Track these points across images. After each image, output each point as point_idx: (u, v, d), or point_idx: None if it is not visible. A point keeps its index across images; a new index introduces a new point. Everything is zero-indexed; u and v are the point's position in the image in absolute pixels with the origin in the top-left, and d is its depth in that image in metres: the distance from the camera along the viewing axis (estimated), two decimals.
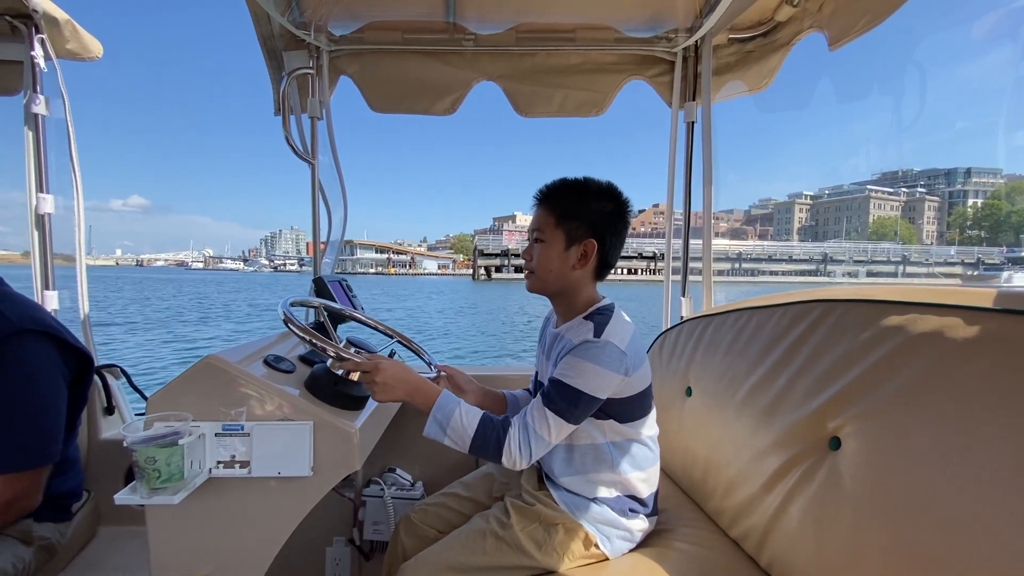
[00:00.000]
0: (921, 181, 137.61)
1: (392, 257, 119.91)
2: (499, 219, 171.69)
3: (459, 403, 0.99)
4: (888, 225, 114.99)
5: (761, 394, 1.04)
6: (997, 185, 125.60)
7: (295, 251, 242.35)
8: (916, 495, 0.69)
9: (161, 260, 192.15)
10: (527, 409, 0.98)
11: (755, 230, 34.00)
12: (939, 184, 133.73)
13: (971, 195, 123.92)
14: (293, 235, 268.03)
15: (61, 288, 1.68)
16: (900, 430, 0.74)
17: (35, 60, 1.58)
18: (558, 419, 0.94)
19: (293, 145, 1.66)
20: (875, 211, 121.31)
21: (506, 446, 0.95)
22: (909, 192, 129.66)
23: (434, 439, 0.98)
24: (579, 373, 0.94)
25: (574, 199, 1.04)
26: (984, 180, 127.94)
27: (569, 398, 0.94)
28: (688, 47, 1.76)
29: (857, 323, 0.88)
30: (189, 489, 0.88)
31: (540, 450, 0.96)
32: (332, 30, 1.73)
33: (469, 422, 0.96)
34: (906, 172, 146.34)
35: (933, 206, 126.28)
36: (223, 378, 0.93)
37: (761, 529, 0.96)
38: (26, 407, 1.06)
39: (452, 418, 0.97)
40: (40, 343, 1.09)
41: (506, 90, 1.84)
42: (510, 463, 0.95)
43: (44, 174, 1.63)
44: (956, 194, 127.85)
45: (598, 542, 1.01)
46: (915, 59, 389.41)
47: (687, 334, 1.46)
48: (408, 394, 0.99)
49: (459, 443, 0.97)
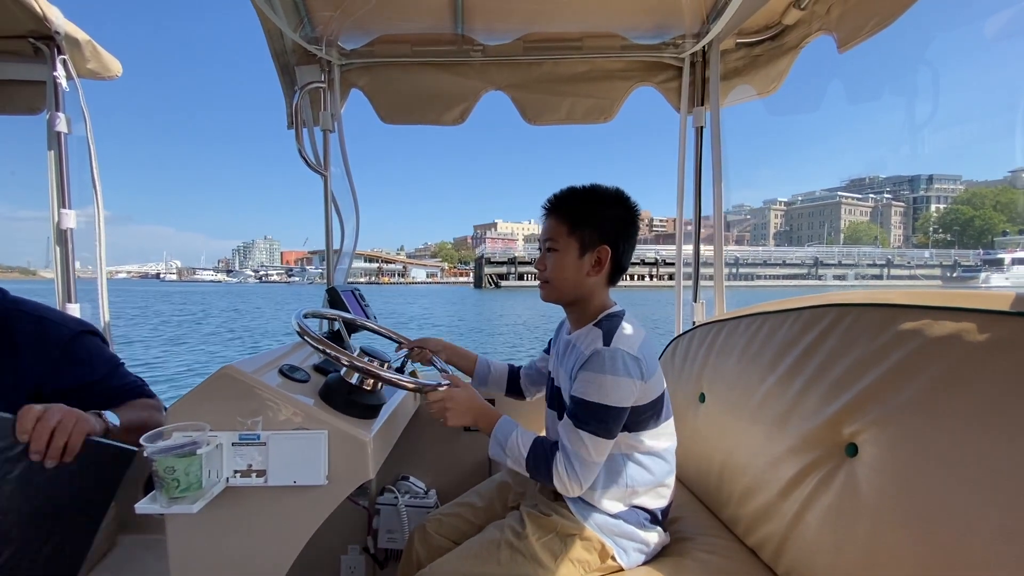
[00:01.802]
0: (887, 187, 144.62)
1: (383, 266, 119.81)
2: (479, 227, 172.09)
3: (516, 426, 1.04)
4: (862, 229, 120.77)
5: (776, 400, 1.03)
6: (957, 191, 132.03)
7: (269, 261, 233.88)
8: (935, 501, 0.68)
9: (124, 272, 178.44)
10: (562, 434, 0.99)
11: (732, 235, 33.98)
12: (903, 190, 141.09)
13: (933, 200, 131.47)
14: (267, 245, 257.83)
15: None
16: (918, 436, 0.73)
17: (57, 80, 1.63)
18: (594, 438, 0.94)
19: (306, 157, 1.69)
20: (846, 216, 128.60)
21: (555, 473, 0.97)
22: (876, 198, 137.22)
23: (498, 460, 1.04)
24: (598, 388, 0.94)
25: (585, 207, 1.05)
26: (945, 186, 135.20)
27: (596, 415, 0.94)
28: (695, 53, 1.76)
29: (871, 327, 0.87)
30: (207, 498, 0.89)
31: (589, 472, 0.96)
32: (343, 44, 1.76)
33: (523, 444, 1.00)
34: (872, 179, 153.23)
35: (899, 211, 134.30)
36: (239, 388, 0.94)
37: (778, 537, 0.95)
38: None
39: (509, 440, 1.01)
40: (95, 339, 1.21)
41: (514, 99, 1.86)
42: (564, 491, 0.98)
43: (66, 190, 1.67)
44: (920, 199, 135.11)
45: (614, 554, 1.00)
46: (926, 58, 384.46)
47: (700, 340, 1.45)
48: (475, 420, 1.05)
49: (517, 465, 1.01)
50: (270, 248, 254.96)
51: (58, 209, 1.66)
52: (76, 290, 1.71)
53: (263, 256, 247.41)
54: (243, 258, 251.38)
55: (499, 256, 65.55)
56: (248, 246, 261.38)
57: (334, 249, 1.85)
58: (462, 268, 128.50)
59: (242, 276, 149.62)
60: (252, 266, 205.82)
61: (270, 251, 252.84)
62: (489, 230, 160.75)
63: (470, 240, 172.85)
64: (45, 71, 1.65)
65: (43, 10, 1.51)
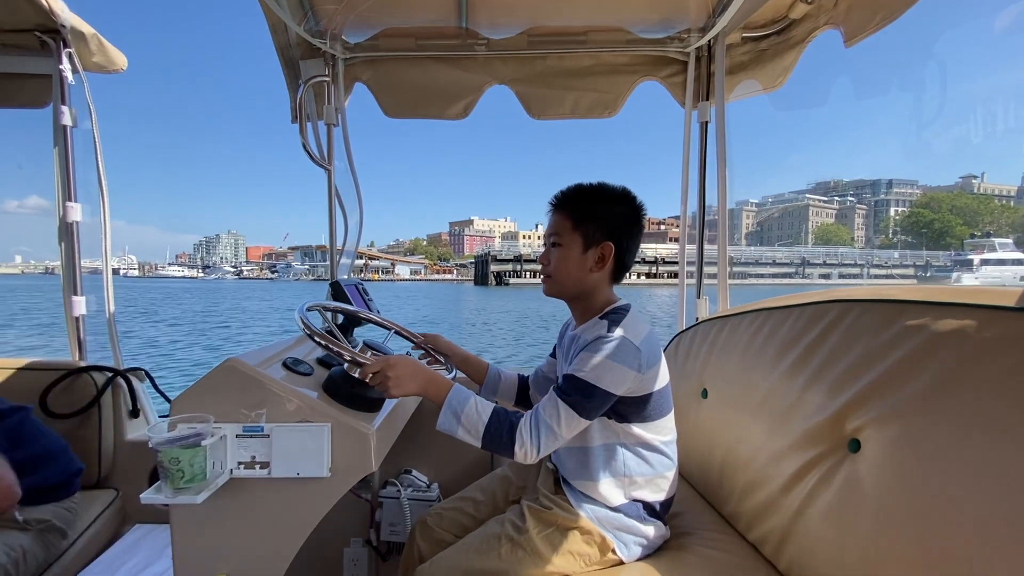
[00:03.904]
0: (850, 191, 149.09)
1: (368, 263, 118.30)
2: (455, 224, 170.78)
3: (472, 395, 0.98)
4: (831, 231, 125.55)
5: (778, 396, 1.03)
6: (915, 195, 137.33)
7: (234, 256, 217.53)
8: (938, 498, 0.68)
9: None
10: (541, 402, 0.97)
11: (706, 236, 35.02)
12: (865, 194, 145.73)
13: (893, 204, 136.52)
14: (232, 239, 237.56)
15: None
16: (921, 432, 0.72)
17: (63, 73, 1.64)
18: (570, 411, 0.93)
19: (310, 152, 1.69)
20: (814, 218, 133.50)
21: (518, 436, 0.93)
22: (841, 200, 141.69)
23: (448, 432, 0.97)
24: (592, 367, 0.94)
25: (590, 203, 1.06)
26: (903, 191, 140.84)
27: (582, 391, 0.94)
28: (701, 47, 1.74)
29: (875, 324, 0.87)
30: (211, 489, 0.90)
31: (550, 441, 0.93)
32: (347, 38, 1.76)
33: (482, 411, 0.95)
34: (837, 182, 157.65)
35: (862, 213, 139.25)
36: (243, 381, 0.95)
37: (780, 532, 0.95)
38: None
39: (466, 408, 0.95)
40: None
41: (518, 93, 1.85)
42: (521, 454, 0.93)
43: (72, 183, 1.68)
44: (880, 203, 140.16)
45: (615, 547, 1.00)
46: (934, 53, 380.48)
47: (703, 336, 1.45)
48: (421, 387, 0.98)
49: (472, 434, 0.95)
50: (235, 243, 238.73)
51: (64, 202, 1.67)
52: (82, 283, 1.72)
53: (228, 251, 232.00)
54: (206, 252, 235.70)
55: (505, 254, 65.96)
56: (212, 241, 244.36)
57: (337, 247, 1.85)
58: (443, 265, 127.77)
59: (221, 272, 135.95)
60: (214, 261, 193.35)
61: (235, 246, 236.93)
62: (466, 227, 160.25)
63: (445, 237, 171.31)
64: (51, 64, 1.65)
65: (49, 4, 1.52)
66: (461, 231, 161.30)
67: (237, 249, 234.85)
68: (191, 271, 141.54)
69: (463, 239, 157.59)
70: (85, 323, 1.75)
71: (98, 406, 1.59)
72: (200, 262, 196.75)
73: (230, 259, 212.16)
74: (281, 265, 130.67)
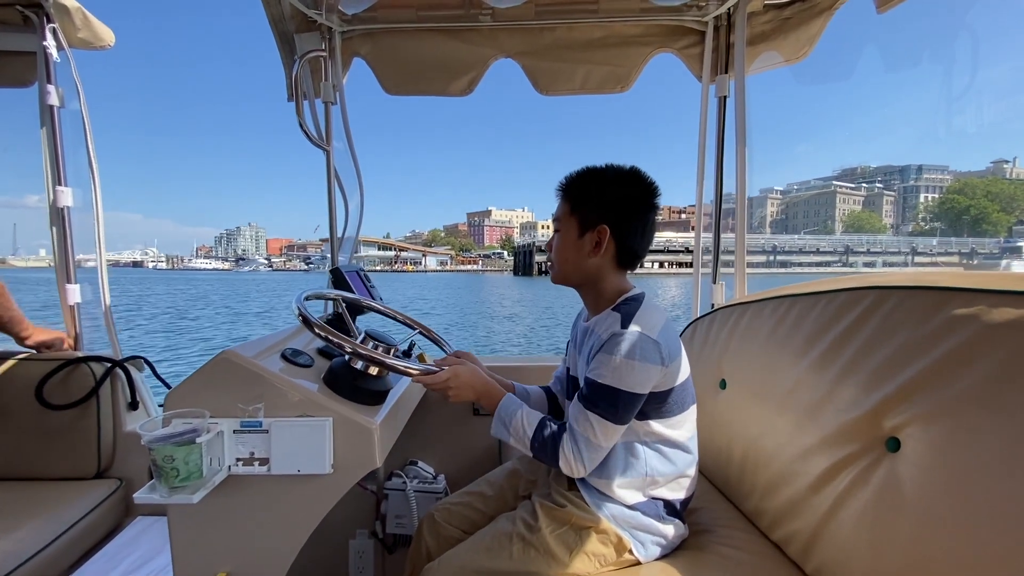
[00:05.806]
0: (878, 177, 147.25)
1: (399, 254, 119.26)
2: (473, 214, 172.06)
3: (521, 405, 1.01)
4: (862, 219, 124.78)
5: (807, 388, 0.96)
6: (946, 181, 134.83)
7: (255, 248, 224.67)
8: (989, 504, 0.62)
9: (92, 261, 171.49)
10: (572, 414, 0.96)
11: (728, 224, 34.05)
12: (894, 180, 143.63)
13: (923, 190, 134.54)
14: (252, 232, 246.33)
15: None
16: (971, 431, 0.66)
17: (47, 50, 1.56)
18: (602, 421, 0.91)
19: (307, 131, 1.61)
20: (841, 205, 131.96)
21: (562, 454, 0.94)
22: (868, 187, 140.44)
23: (500, 439, 1.02)
24: (613, 371, 0.89)
25: (587, 186, 1.01)
26: (934, 176, 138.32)
27: (608, 398, 0.90)
28: (720, 15, 1.64)
29: (917, 312, 0.80)
30: (208, 487, 0.86)
31: (593, 453, 0.93)
32: (344, 9, 1.66)
33: (529, 424, 0.98)
34: (864, 168, 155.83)
35: (890, 200, 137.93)
36: (240, 374, 0.90)
37: (808, 533, 0.90)
38: None
39: (514, 419, 0.99)
40: None
41: (525, 67, 1.76)
42: (569, 472, 0.95)
43: (61, 167, 1.62)
44: (910, 189, 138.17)
45: (632, 547, 0.96)
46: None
47: (720, 323, 1.38)
48: (478, 396, 1.04)
49: (522, 445, 0.98)
50: (256, 235, 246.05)
51: (53, 186, 1.60)
52: (75, 271, 1.67)
53: (249, 244, 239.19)
54: (227, 245, 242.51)
55: (546, 243, 67.67)
56: (233, 233, 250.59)
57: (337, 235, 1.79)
58: (467, 256, 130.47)
59: (254, 264, 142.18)
60: (246, 252, 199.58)
61: (256, 238, 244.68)
62: (485, 218, 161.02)
63: (463, 227, 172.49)
64: (35, 41, 1.58)
65: None
66: (481, 222, 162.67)
67: (258, 242, 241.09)
68: (221, 263, 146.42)
69: (483, 230, 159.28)
70: (80, 311, 1.71)
71: (97, 397, 1.55)
72: (224, 254, 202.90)
73: (251, 251, 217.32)
74: (316, 256, 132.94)
